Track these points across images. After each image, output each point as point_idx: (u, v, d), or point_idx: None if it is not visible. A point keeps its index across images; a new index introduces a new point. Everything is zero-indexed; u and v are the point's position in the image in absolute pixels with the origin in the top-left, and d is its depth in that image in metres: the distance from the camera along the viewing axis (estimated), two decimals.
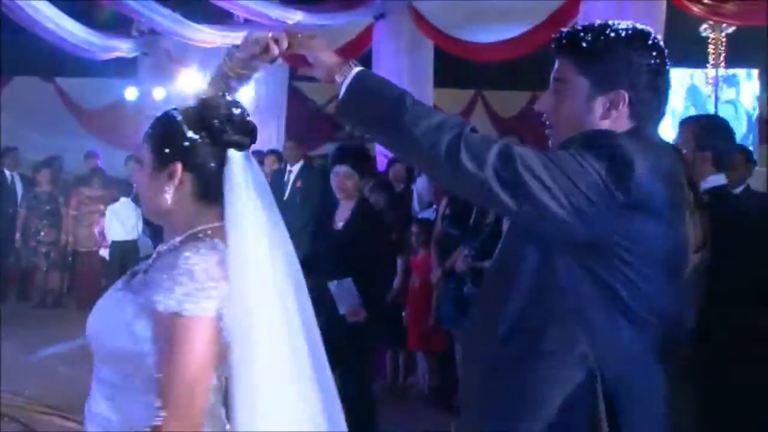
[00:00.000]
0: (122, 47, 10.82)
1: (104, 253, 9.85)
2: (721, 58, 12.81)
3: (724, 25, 11.96)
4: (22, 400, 6.53)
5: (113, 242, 9.52)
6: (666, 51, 1.91)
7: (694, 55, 10.01)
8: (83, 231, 10.18)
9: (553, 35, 2.00)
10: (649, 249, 1.79)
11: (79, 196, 10.35)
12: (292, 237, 5.77)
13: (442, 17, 8.82)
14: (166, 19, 9.01)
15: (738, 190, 5.03)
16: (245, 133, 1.92)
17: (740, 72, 13.27)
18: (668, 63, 1.91)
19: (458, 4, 8.67)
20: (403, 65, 9.10)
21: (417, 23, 9.00)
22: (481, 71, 10.26)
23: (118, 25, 10.93)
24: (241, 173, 1.84)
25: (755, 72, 15.25)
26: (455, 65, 9.63)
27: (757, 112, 15.00)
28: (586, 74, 1.90)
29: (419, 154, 1.80)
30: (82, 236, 10.17)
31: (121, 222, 9.45)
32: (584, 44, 1.89)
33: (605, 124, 1.88)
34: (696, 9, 7.04)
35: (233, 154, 1.85)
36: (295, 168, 8.12)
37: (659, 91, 1.92)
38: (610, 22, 1.91)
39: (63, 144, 11.92)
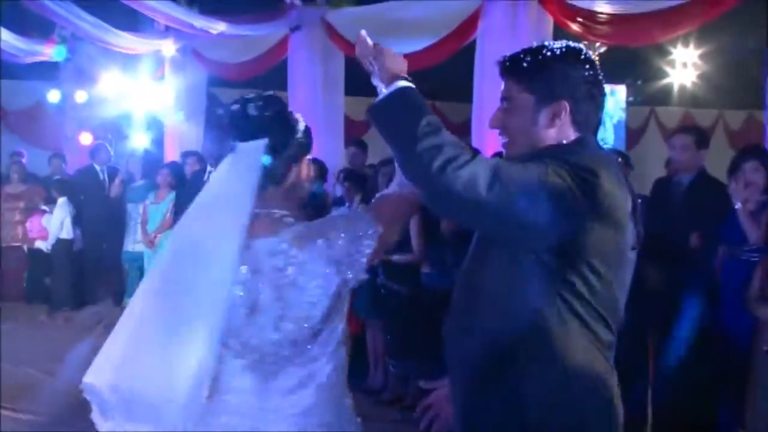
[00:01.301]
0: (47, 52, 10.66)
1: (40, 245, 9.69)
2: None
3: (598, 44, 12.61)
4: None
5: (59, 240, 9.43)
6: (597, 64, 2.05)
7: None
8: (6, 228, 10.04)
9: (454, 49, 2.21)
10: (609, 252, 1.92)
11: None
12: None
13: (353, 30, 8.93)
14: (90, 25, 8.93)
15: None
16: None
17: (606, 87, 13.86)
18: (600, 74, 2.05)
19: (368, 18, 8.83)
20: (316, 73, 9.21)
21: (329, 35, 9.16)
22: None
23: (41, 29, 10.80)
24: None
25: (619, 88, 16.09)
26: (365, 74, 9.81)
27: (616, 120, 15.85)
28: (529, 91, 2.02)
29: (418, 169, 1.86)
30: (5, 233, 10.00)
31: (60, 221, 9.37)
32: (525, 64, 2.03)
33: (551, 133, 2.01)
34: (576, 28, 7.36)
35: None
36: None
37: (596, 99, 2.04)
38: (546, 43, 2.05)
39: None
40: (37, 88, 12.78)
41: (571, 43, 2.06)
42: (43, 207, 9.80)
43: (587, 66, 2.02)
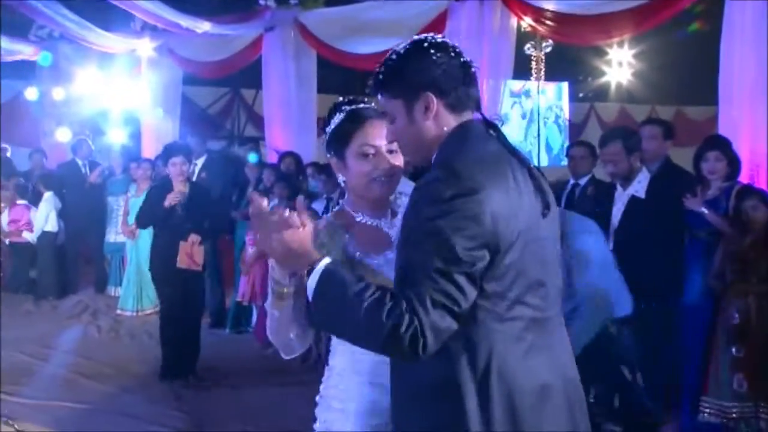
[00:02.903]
0: (25, 50, 10.39)
1: (28, 236, 9.49)
2: (542, 72, 13.64)
3: (544, 44, 12.77)
4: None
5: (44, 232, 9.23)
6: (450, 44, 1.95)
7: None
8: None
9: None
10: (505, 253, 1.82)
11: None
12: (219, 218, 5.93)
13: (324, 30, 8.95)
14: (74, 24, 8.72)
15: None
16: None
17: (532, 85, 14.02)
18: (455, 53, 1.93)
19: (338, 19, 8.83)
20: (290, 71, 9.15)
21: (302, 35, 9.10)
22: (361, 78, 10.49)
23: (18, 28, 10.52)
24: None
25: (564, 85, 16.34)
26: (336, 73, 9.81)
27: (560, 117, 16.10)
28: (395, 97, 1.95)
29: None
30: None
31: (46, 214, 9.19)
32: (381, 76, 1.97)
33: (430, 126, 1.92)
34: (539, 28, 7.43)
35: None
36: (199, 161, 8.17)
37: (459, 78, 1.93)
38: (394, 48, 1.98)
39: None
40: (13, 86, 12.46)
41: (416, 37, 1.98)
42: (21, 201, 9.57)
43: (436, 52, 1.92)
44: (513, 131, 14.52)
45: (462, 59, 1.96)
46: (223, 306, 7.94)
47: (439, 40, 1.96)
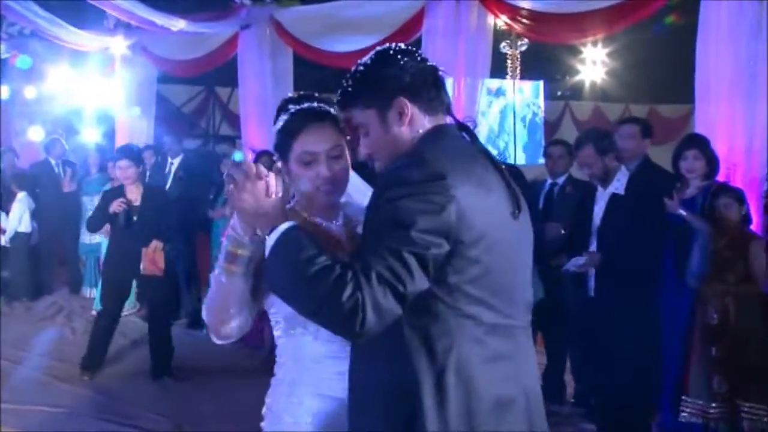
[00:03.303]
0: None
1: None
2: (517, 71, 13.71)
3: (519, 43, 12.82)
4: None
5: (17, 233, 9.09)
6: (414, 49, 1.96)
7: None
8: None
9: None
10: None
11: None
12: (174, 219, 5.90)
13: (301, 28, 8.88)
14: (45, 21, 8.59)
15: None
16: None
17: (508, 83, 14.06)
18: (420, 57, 1.95)
19: (315, 17, 8.75)
20: (266, 69, 9.06)
21: (278, 32, 9.03)
22: (337, 76, 10.31)
23: None
24: None
25: (539, 84, 16.41)
26: (312, 70, 9.75)
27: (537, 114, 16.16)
28: (367, 107, 1.94)
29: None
30: None
31: (20, 215, 9.05)
32: (349, 89, 1.97)
33: (405, 131, 1.92)
34: (515, 26, 7.43)
35: None
36: (176, 161, 8.09)
37: (429, 82, 1.94)
38: (358, 61, 1.99)
39: None
40: None
41: (378, 48, 1.98)
42: None
43: (403, 57, 1.93)
44: (490, 130, 14.55)
45: (429, 63, 1.96)
46: (199, 306, 7.84)
47: (403, 46, 1.96)
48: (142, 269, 6.19)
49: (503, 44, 12.73)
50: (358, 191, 2.25)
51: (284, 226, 1.81)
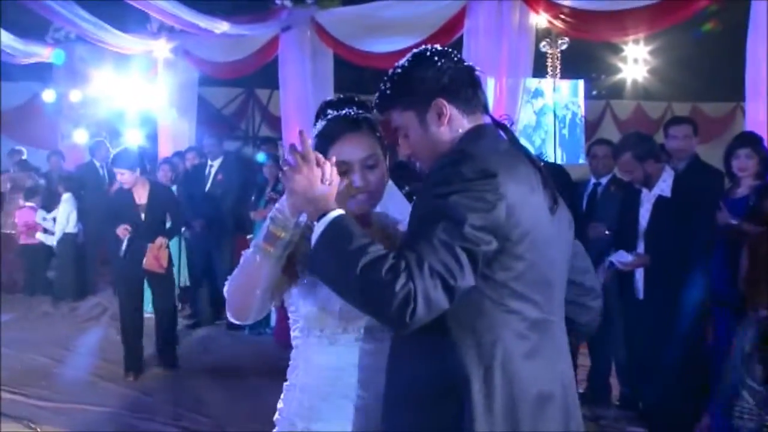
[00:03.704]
0: (43, 53, 10.38)
1: (42, 238, 9.50)
2: (557, 70, 13.54)
3: (560, 41, 12.66)
4: None
5: (64, 234, 9.23)
6: (449, 50, 1.96)
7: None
8: (9, 220, 9.91)
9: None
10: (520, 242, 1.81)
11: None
12: (213, 223, 6.07)
13: (341, 29, 8.88)
14: (91, 26, 8.70)
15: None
16: None
17: (548, 82, 13.88)
18: (457, 58, 1.95)
19: (355, 18, 8.76)
20: (306, 71, 9.08)
21: (318, 34, 9.04)
22: (377, 77, 10.27)
23: (35, 30, 10.51)
24: None
25: (579, 83, 16.22)
26: (353, 72, 9.75)
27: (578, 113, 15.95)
28: (407, 109, 1.95)
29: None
30: (5, 223, 9.95)
31: (67, 215, 9.20)
32: (388, 92, 1.97)
33: (445, 131, 1.92)
34: (558, 24, 7.32)
35: None
36: (216, 162, 8.11)
37: (466, 82, 1.95)
38: (395, 64, 1.98)
39: None
40: (29, 89, 12.50)
41: (415, 50, 1.99)
42: (28, 203, 9.57)
43: (440, 59, 1.94)
44: (526, 129, 14.40)
45: (465, 63, 1.98)
46: None
47: (439, 48, 1.97)
48: (144, 264, 6.37)
49: (543, 43, 12.57)
50: (395, 204, 2.23)
51: (334, 213, 1.79)
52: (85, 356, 7.22)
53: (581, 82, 16.38)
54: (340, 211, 1.81)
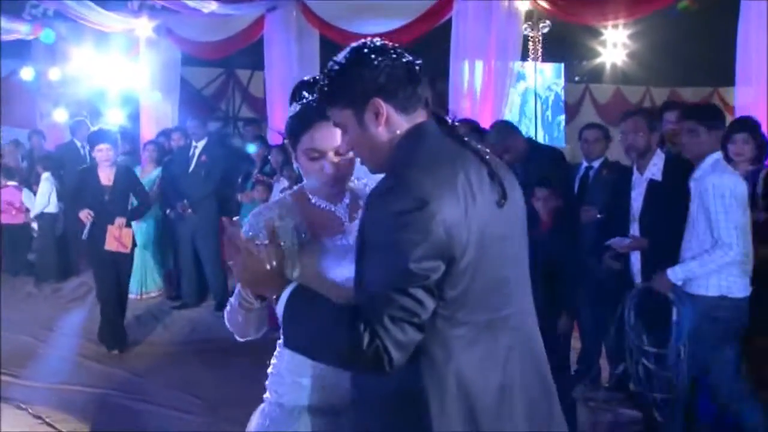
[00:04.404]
0: (21, 30, 10.18)
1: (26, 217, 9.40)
2: (539, 53, 13.55)
3: (542, 25, 12.67)
4: None
5: (44, 214, 9.12)
6: (389, 45, 1.91)
7: None
8: None
9: (427, 29, 2.03)
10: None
11: None
12: (197, 205, 6.10)
13: (327, 9, 8.82)
14: (73, 1, 8.55)
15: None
16: None
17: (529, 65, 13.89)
18: (396, 54, 1.89)
19: None
20: (292, 52, 9.02)
21: (304, 14, 8.97)
22: None
23: (12, 6, 10.31)
24: None
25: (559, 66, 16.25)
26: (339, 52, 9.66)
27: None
28: (344, 106, 1.92)
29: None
30: None
31: (47, 195, 9.08)
32: (326, 88, 1.94)
33: (382, 132, 1.89)
34: (547, 6, 7.33)
35: None
36: (200, 144, 8.03)
37: (404, 78, 1.89)
38: (334, 58, 1.95)
39: None
40: (7, 66, 12.25)
41: (354, 44, 1.94)
42: (11, 182, 9.44)
43: (377, 57, 1.88)
44: (511, 112, 14.45)
45: (405, 59, 1.91)
46: (225, 288, 7.86)
47: (378, 44, 1.92)
48: (105, 244, 6.48)
49: (524, 26, 12.58)
50: (368, 173, 2.26)
51: (287, 291, 1.87)
52: (70, 337, 7.17)
53: (562, 66, 16.45)
54: (291, 287, 1.88)
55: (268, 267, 1.92)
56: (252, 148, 8.27)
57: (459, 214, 1.76)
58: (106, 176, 6.56)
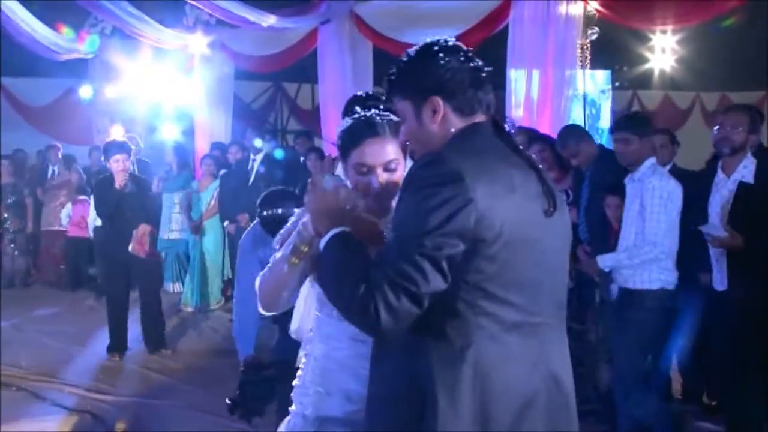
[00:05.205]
0: (80, 48, 10.35)
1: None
2: (587, 60, 13.39)
3: (590, 32, 12.53)
4: (21, 371, 6.31)
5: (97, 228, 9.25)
6: (461, 47, 1.94)
7: None
8: (50, 216, 9.97)
9: (483, 37, 2.04)
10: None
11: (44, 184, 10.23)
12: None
13: (380, 21, 8.82)
14: (134, 19, 8.67)
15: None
16: None
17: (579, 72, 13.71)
18: (465, 57, 1.92)
19: (395, 9, 8.68)
20: (346, 64, 9.04)
21: (358, 26, 8.98)
22: None
23: (70, 25, 10.46)
24: None
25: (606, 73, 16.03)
26: (392, 65, 9.65)
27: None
28: (404, 98, 1.96)
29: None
30: (50, 220, 9.97)
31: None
32: (392, 77, 2.00)
33: (437, 129, 1.92)
34: (606, 12, 7.22)
35: None
36: (258, 156, 8.10)
37: (466, 82, 1.92)
38: (407, 50, 1.99)
39: (10, 141, 11.37)
40: (63, 84, 12.49)
41: (428, 39, 1.97)
42: (81, 197, 9.60)
43: (445, 56, 1.91)
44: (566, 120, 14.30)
45: (472, 63, 1.94)
46: None
47: (450, 43, 1.95)
48: (130, 249, 6.69)
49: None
50: None
51: (337, 229, 1.93)
52: (133, 350, 7.20)
53: (609, 73, 16.24)
54: (341, 228, 1.94)
55: (340, 205, 2.00)
56: (279, 154, 8.36)
57: (492, 201, 1.75)
58: (122, 185, 6.72)
